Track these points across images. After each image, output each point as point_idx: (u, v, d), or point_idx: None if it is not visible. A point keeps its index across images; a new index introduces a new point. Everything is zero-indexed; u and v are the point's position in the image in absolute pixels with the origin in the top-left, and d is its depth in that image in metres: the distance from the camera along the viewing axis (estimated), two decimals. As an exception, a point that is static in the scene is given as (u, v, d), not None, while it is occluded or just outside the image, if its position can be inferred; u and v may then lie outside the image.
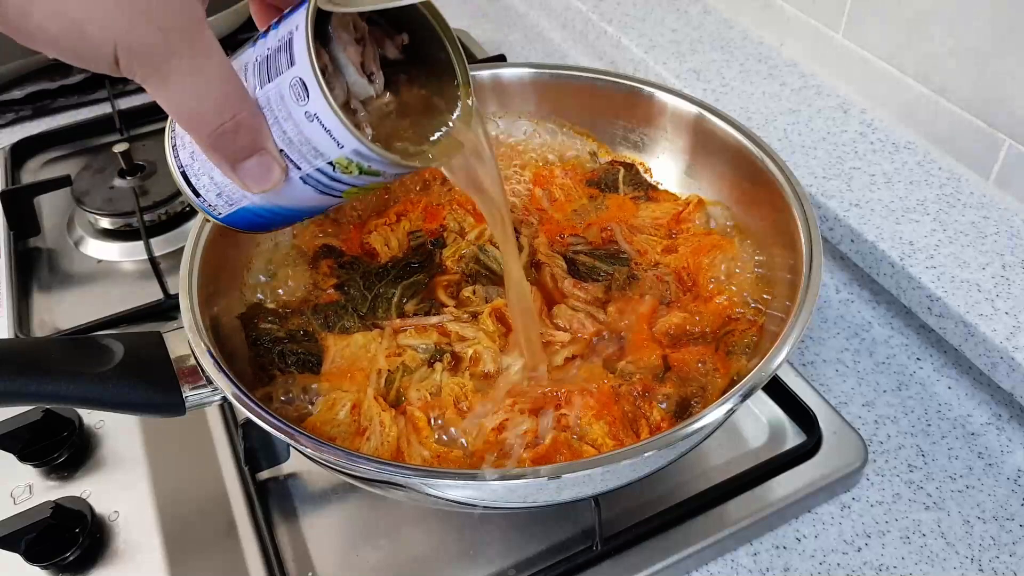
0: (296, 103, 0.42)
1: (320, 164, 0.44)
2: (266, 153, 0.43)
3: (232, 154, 0.42)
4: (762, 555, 0.62)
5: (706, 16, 1.09)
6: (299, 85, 0.41)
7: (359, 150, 0.43)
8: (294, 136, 0.43)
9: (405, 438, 0.57)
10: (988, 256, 0.74)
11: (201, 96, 0.40)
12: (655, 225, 0.72)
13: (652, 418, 0.57)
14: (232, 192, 0.47)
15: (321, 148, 0.43)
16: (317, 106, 0.42)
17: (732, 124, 0.69)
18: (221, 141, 0.41)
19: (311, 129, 0.42)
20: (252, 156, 0.42)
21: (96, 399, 0.52)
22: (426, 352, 0.63)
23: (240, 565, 0.61)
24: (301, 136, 0.43)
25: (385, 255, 0.71)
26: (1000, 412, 0.72)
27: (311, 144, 0.43)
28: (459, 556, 0.61)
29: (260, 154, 0.43)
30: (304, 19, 0.41)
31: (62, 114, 1.10)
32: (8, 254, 0.87)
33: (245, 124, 0.41)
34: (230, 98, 0.41)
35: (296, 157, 0.44)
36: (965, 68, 0.79)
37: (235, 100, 0.41)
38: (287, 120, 0.43)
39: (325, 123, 0.42)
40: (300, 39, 0.41)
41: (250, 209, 0.49)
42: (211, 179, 0.47)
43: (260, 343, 0.63)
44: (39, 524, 0.60)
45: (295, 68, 0.41)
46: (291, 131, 0.43)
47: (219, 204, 0.49)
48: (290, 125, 0.43)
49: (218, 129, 0.41)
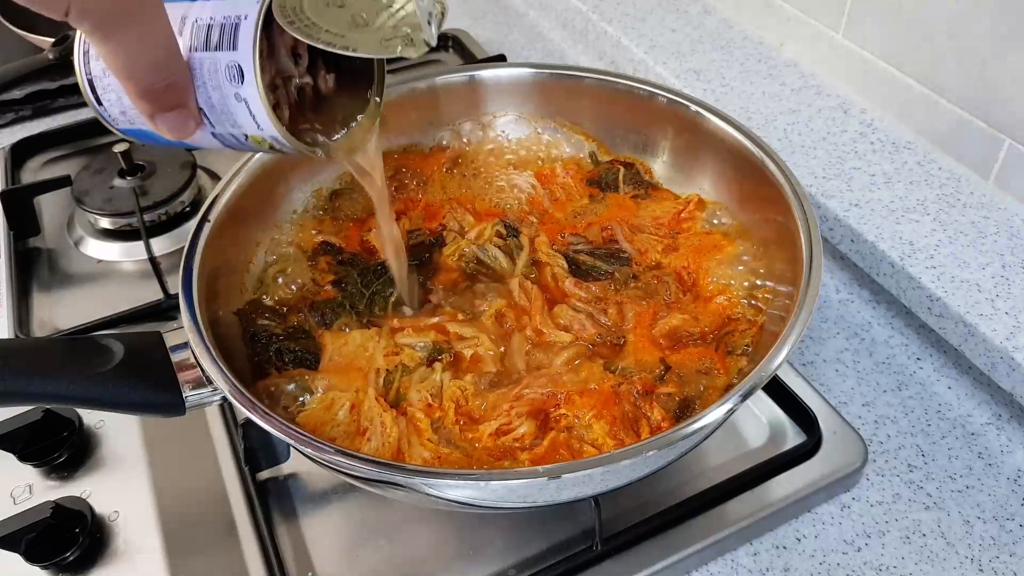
0: (228, 82, 0.45)
1: (235, 131, 0.47)
2: (186, 110, 0.46)
3: (156, 107, 0.45)
4: (762, 555, 0.62)
5: (706, 16, 1.09)
6: (236, 69, 0.44)
7: (276, 137, 0.47)
8: (217, 103, 0.46)
9: (406, 439, 0.57)
10: (988, 256, 0.74)
11: (140, 56, 0.43)
12: (656, 224, 0.72)
13: (652, 418, 0.57)
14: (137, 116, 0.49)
15: (240, 123, 0.47)
16: (249, 93, 0.45)
17: (732, 124, 0.69)
18: (149, 95, 0.44)
19: (236, 107, 0.46)
20: (173, 110, 0.46)
21: (96, 399, 0.52)
22: (424, 351, 0.63)
23: (240, 565, 0.61)
24: (224, 107, 0.46)
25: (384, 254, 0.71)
26: (1000, 412, 0.72)
27: (232, 116, 0.46)
28: (459, 556, 0.61)
29: (180, 109, 0.46)
30: (256, 16, 0.44)
31: (62, 114, 1.10)
32: (8, 254, 0.87)
33: (175, 85, 0.45)
34: (166, 62, 0.44)
35: (213, 118, 0.47)
36: (965, 68, 0.79)
37: (171, 64, 0.44)
38: (215, 89, 0.45)
39: (252, 108, 0.45)
40: (247, 34, 0.44)
41: (149, 134, 0.51)
42: (119, 98, 0.50)
43: (257, 340, 0.63)
44: (39, 524, 0.60)
45: (236, 54, 0.44)
46: (216, 99, 0.46)
47: (120, 119, 0.51)
48: (216, 94, 0.46)
49: (150, 87, 0.44)
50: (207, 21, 0.45)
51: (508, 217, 0.74)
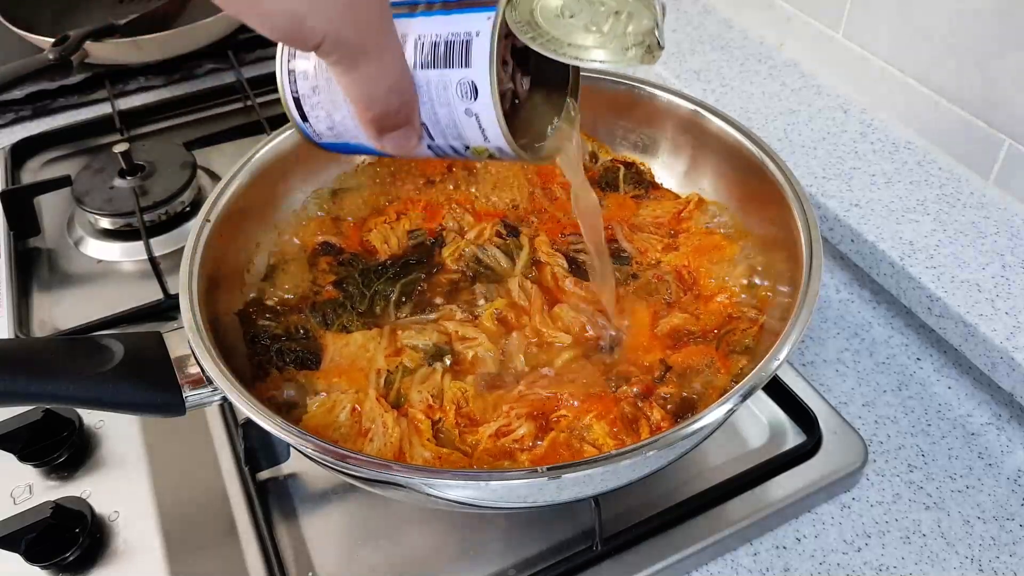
0: (459, 99, 0.45)
1: (456, 144, 0.48)
2: (412, 128, 0.48)
3: (384, 127, 0.47)
4: (762, 555, 0.62)
5: (706, 16, 1.09)
6: (469, 86, 0.45)
7: (503, 147, 0.47)
8: (443, 119, 0.47)
9: (407, 439, 0.57)
10: (988, 256, 0.74)
11: (377, 83, 0.45)
12: (656, 224, 0.72)
13: (652, 418, 0.57)
14: (347, 132, 0.50)
15: (467, 136, 0.47)
16: (482, 109, 0.45)
17: (732, 124, 0.69)
18: (381, 118, 0.46)
19: (465, 121, 0.46)
20: (399, 129, 0.47)
21: (96, 399, 0.52)
22: (426, 351, 0.63)
23: (240, 565, 0.61)
24: (451, 123, 0.47)
25: (384, 253, 0.71)
26: (1000, 412, 0.72)
27: (458, 131, 0.47)
28: (459, 556, 0.61)
29: (406, 128, 0.48)
30: (491, 32, 0.44)
31: (62, 114, 1.10)
32: (8, 254, 0.87)
33: (405, 106, 0.46)
34: (399, 87, 0.46)
35: (435, 132, 0.48)
36: (965, 68, 0.79)
37: (403, 89, 0.46)
38: (442, 106, 0.46)
39: (483, 123, 0.46)
40: (483, 50, 0.44)
41: (354, 146, 0.52)
42: (329, 116, 0.50)
43: (258, 340, 0.63)
44: (39, 524, 0.60)
45: (469, 71, 0.44)
46: (442, 115, 0.47)
47: (325, 134, 0.52)
48: (444, 111, 0.46)
49: (384, 112, 0.46)
50: (434, 39, 0.45)
51: (508, 217, 0.74)
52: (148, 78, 1.13)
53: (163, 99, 1.09)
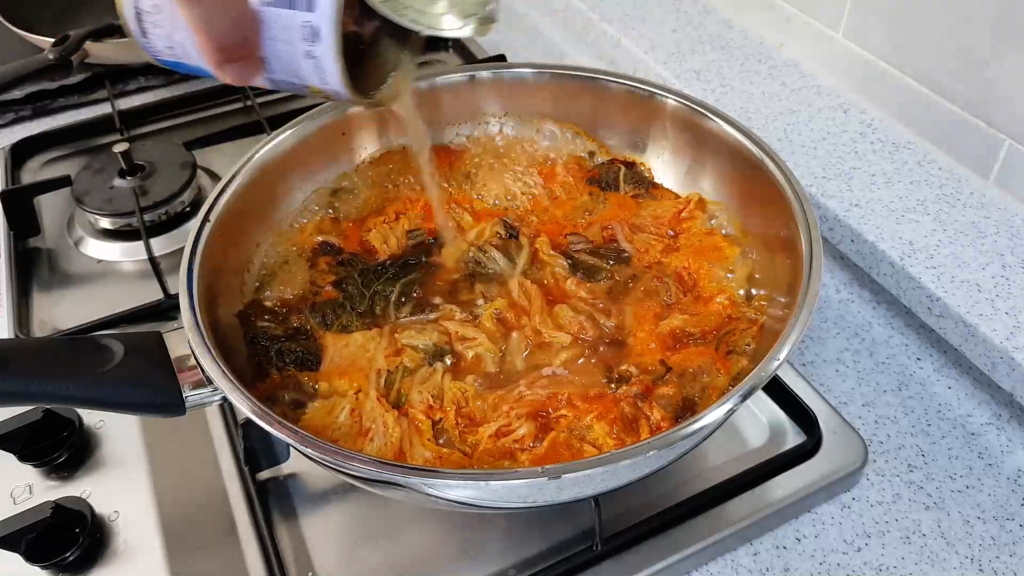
0: (301, 40, 0.46)
1: (295, 81, 0.49)
2: (252, 60, 0.48)
3: (224, 58, 0.47)
4: (762, 555, 0.62)
5: (706, 16, 1.09)
6: (311, 30, 0.45)
7: (339, 92, 0.48)
8: (284, 56, 0.47)
9: (407, 439, 0.57)
10: (988, 256, 0.74)
11: (218, 15, 0.45)
12: (656, 224, 0.72)
13: (652, 418, 0.57)
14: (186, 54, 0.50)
15: (305, 76, 0.48)
16: (322, 52, 0.46)
17: (732, 124, 0.69)
18: (221, 50, 0.46)
19: (304, 62, 0.47)
20: (239, 61, 0.48)
21: (96, 399, 0.52)
22: (426, 351, 0.63)
23: (240, 565, 0.61)
24: (292, 61, 0.47)
25: (384, 253, 0.71)
26: (1000, 412, 0.72)
27: (297, 70, 0.48)
28: (459, 556, 0.61)
29: (247, 60, 0.48)
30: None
31: (62, 114, 1.10)
32: (8, 254, 0.87)
33: (246, 40, 0.47)
34: (241, 20, 0.46)
35: (275, 67, 0.48)
36: (965, 68, 0.79)
37: (244, 23, 0.46)
38: (284, 44, 0.47)
39: (323, 66, 0.47)
40: None
41: (193, 68, 0.52)
42: (169, 36, 0.50)
43: (258, 341, 0.63)
44: (39, 524, 0.60)
45: (313, 16, 0.45)
46: (283, 52, 0.47)
47: (164, 52, 0.52)
48: (284, 48, 0.47)
49: (223, 43, 0.46)
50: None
51: (508, 217, 0.74)
52: (148, 78, 1.13)
53: (163, 99, 1.09)
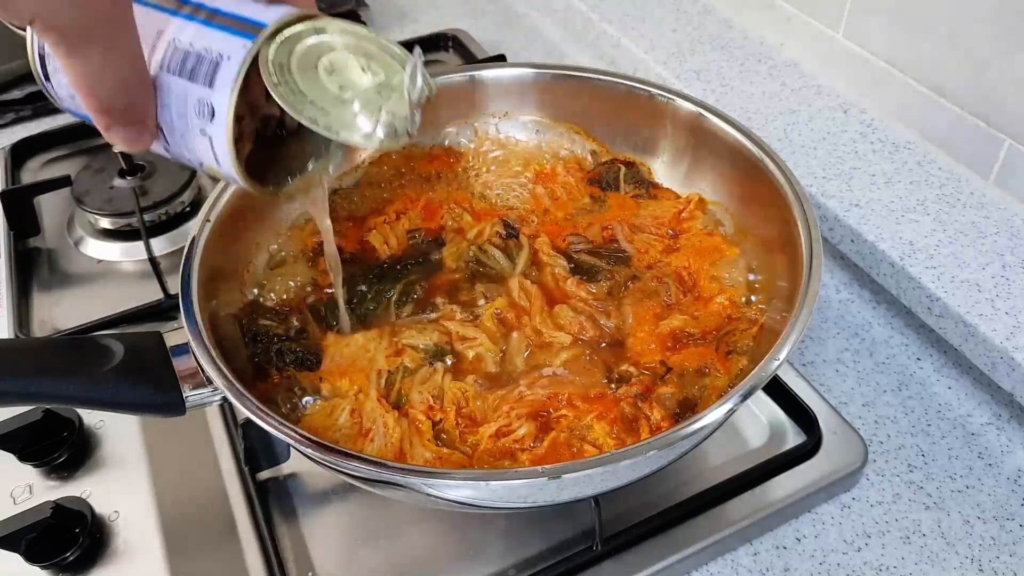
0: (196, 115, 0.43)
1: (190, 157, 0.46)
2: (143, 128, 0.44)
3: (112, 121, 0.43)
4: (762, 555, 0.62)
5: (706, 16, 1.09)
6: (208, 107, 0.42)
7: (233, 177, 0.45)
8: (178, 128, 0.44)
9: (408, 440, 0.57)
10: (988, 256, 0.74)
11: (102, 77, 0.41)
12: (656, 224, 0.72)
13: (653, 418, 0.57)
14: None
15: (199, 153, 0.45)
16: (216, 132, 0.43)
17: (732, 124, 0.69)
18: (107, 112, 0.42)
19: (199, 139, 0.44)
20: (128, 126, 0.44)
21: (96, 399, 0.52)
22: (426, 351, 0.63)
23: (240, 565, 0.61)
24: (185, 134, 0.44)
25: (384, 253, 0.71)
26: (1000, 412, 0.72)
27: (192, 145, 0.44)
28: (459, 556, 0.61)
29: (137, 126, 0.44)
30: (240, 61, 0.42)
31: (62, 114, 1.09)
32: (8, 254, 0.87)
33: (136, 106, 0.43)
34: (128, 85, 0.42)
35: (171, 139, 0.45)
36: (965, 68, 0.79)
37: (132, 88, 0.42)
38: (179, 116, 0.44)
39: (216, 146, 0.43)
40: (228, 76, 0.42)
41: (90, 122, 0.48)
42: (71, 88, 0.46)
43: (258, 341, 0.63)
44: (39, 524, 0.60)
45: (211, 92, 0.42)
46: (178, 125, 0.44)
47: (67, 101, 0.48)
48: (180, 121, 0.44)
49: (110, 106, 0.42)
50: (186, 47, 0.43)
51: (508, 217, 0.74)
52: (148, 78, 1.13)
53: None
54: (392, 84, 0.45)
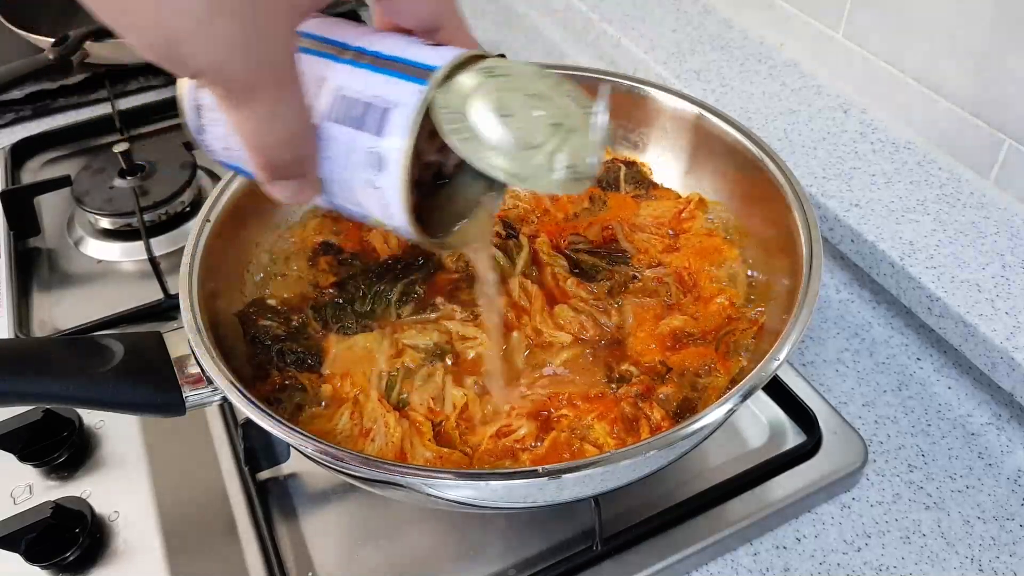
0: (365, 167, 0.40)
1: (355, 210, 0.43)
2: (306, 183, 0.42)
3: (275, 175, 0.42)
4: (762, 555, 0.62)
5: (706, 16, 1.09)
6: (378, 159, 0.40)
7: (404, 230, 0.42)
8: (345, 182, 0.41)
9: (408, 440, 0.57)
10: (988, 256, 0.74)
11: (267, 130, 0.39)
12: (656, 224, 0.72)
13: (653, 418, 0.57)
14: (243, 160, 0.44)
15: (366, 206, 0.42)
16: (387, 184, 0.40)
17: (732, 124, 0.69)
18: (270, 167, 0.41)
19: (366, 191, 0.41)
20: (290, 180, 0.42)
21: (96, 399, 0.52)
22: (427, 351, 0.63)
23: (240, 565, 0.61)
24: (350, 187, 0.41)
25: (385, 253, 0.71)
26: (1000, 412, 0.72)
27: (357, 198, 0.42)
28: (459, 556, 0.61)
29: (299, 181, 0.42)
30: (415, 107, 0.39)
31: (62, 114, 1.10)
32: (8, 254, 0.87)
33: (300, 160, 0.41)
34: (293, 139, 0.40)
35: (334, 191, 0.43)
36: (965, 68, 0.79)
37: (297, 142, 0.41)
38: (345, 169, 0.41)
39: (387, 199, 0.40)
40: (401, 124, 0.39)
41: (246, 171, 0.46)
42: (226, 137, 0.45)
43: (258, 341, 0.63)
44: (39, 524, 0.60)
45: (381, 142, 0.39)
46: (344, 177, 0.41)
47: (220, 153, 0.47)
48: (346, 174, 0.41)
49: (274, 160, 0.41)
50: (352, 94, 0.40)
51: (508, 217, 0.74)
52: (148, 78, 1.13)
53: (163, 99, 1.09)
54: (567, 125, 0.42)
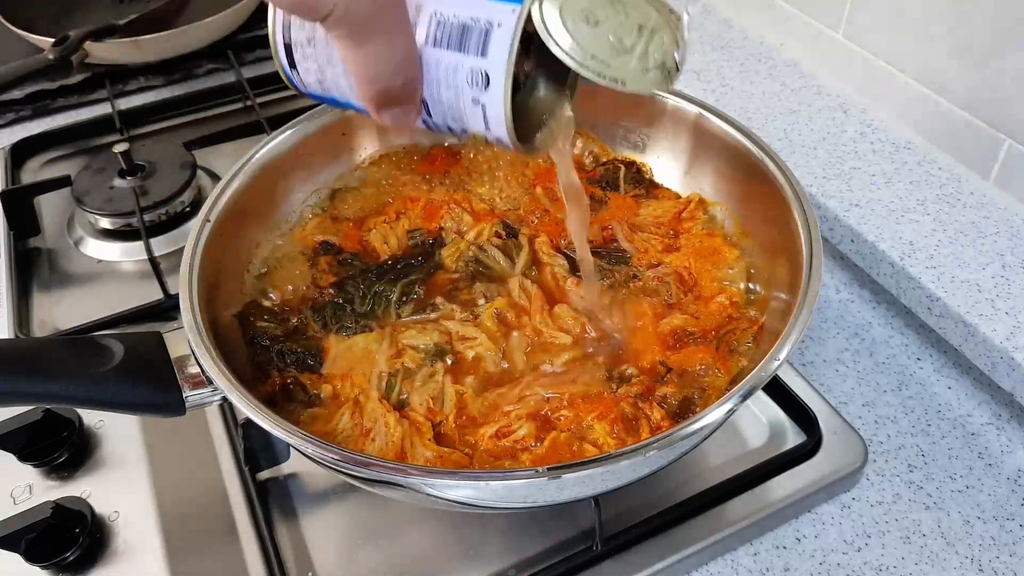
0: (469, 86, 0.44)
1: (454, 125, 0.46)
2: (412, 106, 0.46)
3: (384, 102, 0.45)
4: (762, 555, 0.62)
5: (706, 16, 1.09)
6: (482, 76, 0.43)
7: (502, 139, 0.46)
8: (447, 101, 0.45)
9: (408, 439, 0.57)
10: (988, 256, 0.74)
11: (383, 63, 0.43)
12: (656, 224, 0.72)
13: (653, 418, 0.57)
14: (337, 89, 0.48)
15: (468, 122, 0.45)
16: (490, 100, 0.43)
17: (732, 124, 0.69)
18: (382, 94, 0.45)
19: (470, 108, 0.45)
20: (398, 106, 0.46)
21: (96, 399, 0.52)
22: (426, 351, 0.63)
23: (240, 565, 0.61)
24: (455, 106, 0.45)
25: (384, 253, 0.71)
26: (1000, 412, 0.72)
27: (460, 115, 0.45)
28: (459, 556, 0.61)
29: (406, 106, 0.46)
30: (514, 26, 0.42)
31: (62, 114, 1.10)
32: (8, 254, 0.87)
33: (408, 86, 0.45)
34: (404, 68, 0.44)
35: (434, 111, 0.46)
36: (965, 68, 0.79)
37: (408, 69, 0.44)
38: (448, 88, 0.44)
39: (490, 113, 0.44)
40: (503, 43, 0.42)
41: (342, 103, 0.50)
42: (320, 70, 0.48)
43: (257, 341, 0.63)
44: (39, 524, 0.60)
45: (485, 61, 0.43)
46: (446, 96, 0.45)
47: (313, 86, 0.50)
48: (449, 93, 0.45)
49: (386, 88, 0.44)
50: (452, 19, 0.43)
51: (508, 217, 0.74)
52: (148, 78, 1.13)
53: (163, 99, 1.09)
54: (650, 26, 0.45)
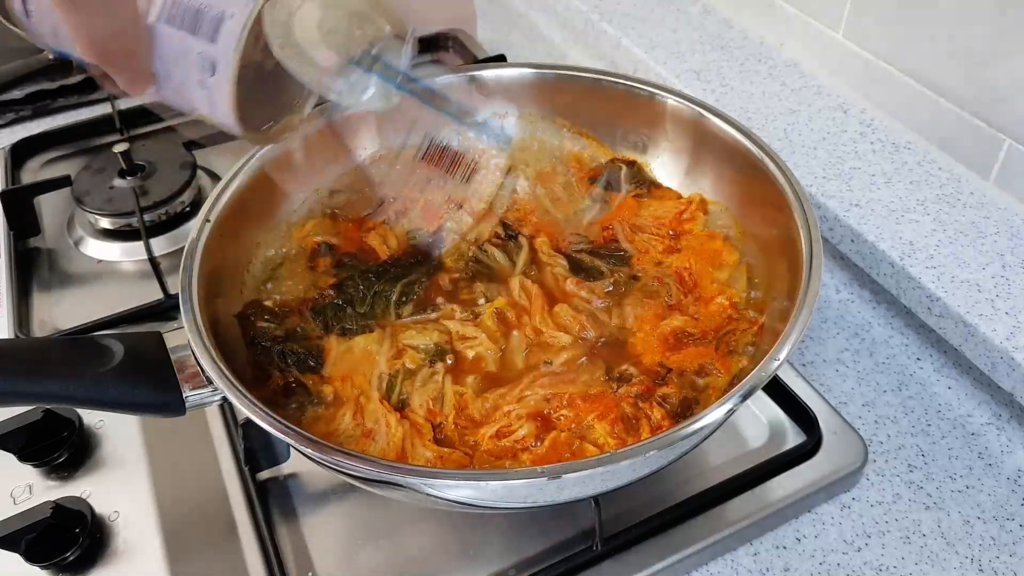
0: (197, 69, 0.44)
1: (183, 103, 0.47)
2: (136, 75, 0.45)
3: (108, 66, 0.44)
4: (762, 555, 0.62)
5: (706, 16, 1.09)
6: (209, 62, 0.44)
7: (228, 126, 0.46)
8: (176, 79, 0.45)
9: (409, 440, 0.57)
10: (988, 256, 0.74)
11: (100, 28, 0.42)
12: (657, 224, 0.72)
13: (653, 418, 0.57)
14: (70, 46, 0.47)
15: (195, 102, 0.46)
16: (215, 85, 0.44)
17: (732, 124, 0.69)
18: (103, 57, 0.43)
19: (196, 90, 0.45)
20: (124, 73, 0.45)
21: (96, 399, 0.52)
22: (427, 351, 0.63)
23: (240, 565, 0.61)
24: (183, 85, 0.45)
25: (384, 253, 0.71)
26: (1000, 412, 0.72)
27: (187, 94, 0.46)
28: (459, 556, 0.61)
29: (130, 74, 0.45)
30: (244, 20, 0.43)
31: (62, 114, 1.10)
32: (8, 254, 0.87)
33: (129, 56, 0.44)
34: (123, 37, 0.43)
35: (165, 86, 0.46)
36: (965, 68, 0.79)
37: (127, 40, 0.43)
38: (178, 67, 0.45)
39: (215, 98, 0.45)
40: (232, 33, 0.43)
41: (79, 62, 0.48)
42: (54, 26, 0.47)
43: (257, 342, 0.63)
44: (39, 524, 0.60)
45: (214, 48, 0.43)
46: (176, 74, 0.45)
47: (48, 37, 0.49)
48: (178, 71, 0.45)
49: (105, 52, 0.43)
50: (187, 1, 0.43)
51: (508, 217, 0.74)
52: (148, 78, 1.13)
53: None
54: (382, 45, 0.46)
